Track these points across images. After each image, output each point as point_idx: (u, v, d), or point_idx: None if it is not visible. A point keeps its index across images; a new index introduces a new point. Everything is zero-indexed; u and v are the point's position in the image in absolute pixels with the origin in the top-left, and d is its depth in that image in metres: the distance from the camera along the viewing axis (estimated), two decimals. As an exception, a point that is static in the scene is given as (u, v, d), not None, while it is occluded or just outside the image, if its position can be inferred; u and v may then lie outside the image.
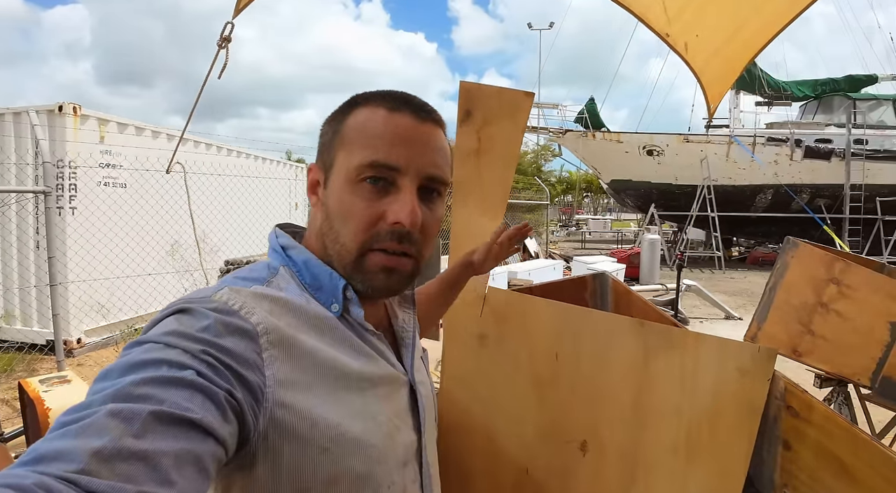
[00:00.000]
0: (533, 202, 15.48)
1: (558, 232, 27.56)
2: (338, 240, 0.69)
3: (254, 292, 0.64)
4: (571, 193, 40.13)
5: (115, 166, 5.74)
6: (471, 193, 1.44)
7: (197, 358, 0.53)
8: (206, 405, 0.50)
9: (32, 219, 5.50)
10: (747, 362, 1.27)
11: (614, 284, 2.02)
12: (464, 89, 1.43)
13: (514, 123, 1.43)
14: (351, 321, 0.70)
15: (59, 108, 5.26)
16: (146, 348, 0.53)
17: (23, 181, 5.46)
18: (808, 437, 1.27)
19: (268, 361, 0.59)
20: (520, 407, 1.36)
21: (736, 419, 1.27)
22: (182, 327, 0.55)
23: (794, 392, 1.28)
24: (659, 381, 1.30)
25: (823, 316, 2.24)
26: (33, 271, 5.56)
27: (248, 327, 0.59)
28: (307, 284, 0.70)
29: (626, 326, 1.32)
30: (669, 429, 1.29)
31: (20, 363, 5.32)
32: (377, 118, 0.68)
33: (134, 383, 0.48)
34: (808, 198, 14.77)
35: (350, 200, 0.67)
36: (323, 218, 0.71)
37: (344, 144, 0.69)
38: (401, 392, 0.74)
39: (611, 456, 1.30)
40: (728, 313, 7.97)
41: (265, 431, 0.57)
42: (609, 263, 9.82)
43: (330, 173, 0.70)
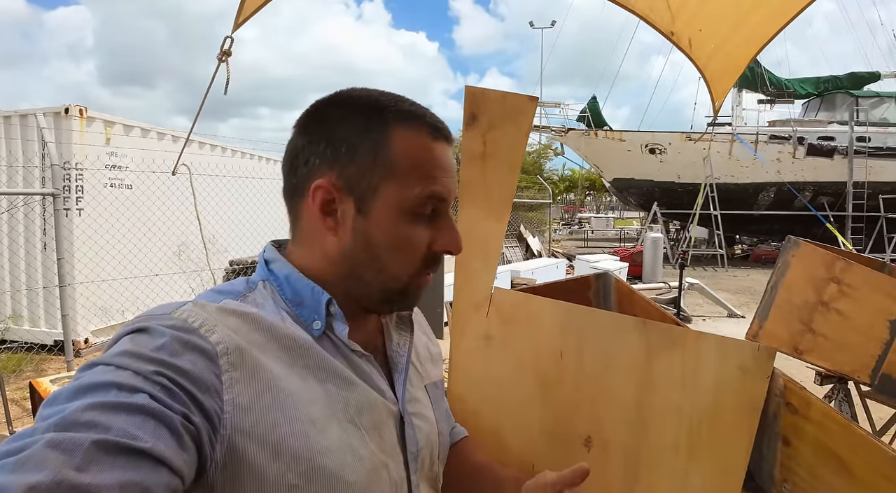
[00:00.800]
0: (536, 201, 15.50)
1: (561, 230, 27.57)
2: (385, 270, 0.66)
3: (221, 308, 0.59)
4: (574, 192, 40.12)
5: (121, 168, 5.79)
6: (476, 196, 1.47)
7: (150, 380, 0.49)
8: (159, 432, 0.46)
9: (39, 221, 5.56)
10: (748, 360, 1.30)
11: (617, 283, 2.05)
12: (469, 94, 1.46)
13: (518, 127, 1.46)
14: (334, 340, 0.66)
15: (65, 110, 5.32)
16: (97, 370, 0.49)
17: (30, 183, 5.52)
18: (806, 433, 1.29)
19: (227, 383, 0.54)
20: (525, 405, 1.39)
21: (736, 416, 1.30)
22: (136, 346, 0.51)
23: (793, 389, 1.31)
24: (661, 379, 1.33)
25: (824, 315, 2.27)
26: (41, 272, 5.62)
27: (207, 347, 0.54)
28: (288, 299, 0.66)
29: (629, 325, 1.35)
30: (671, 427, 1.32)
31: (29, 363, 5.38)
32: (424, 146, 0.66)
33: (80, 408, 0.44)
34: (810, 196, 14.77)
35: (407, 231, 0.65)
36: (360, 247, 0.65)
37: (394, 172, 0.64)
38: (388, 423, 0.68)
39: (614, 453, 1.34)
40: (731, 311, 8.00)
41: (223, 461, 0.52)
42: (612, 261, 9.85)
43: (371, 201, 0.64)
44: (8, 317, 5.75)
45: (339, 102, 0.68)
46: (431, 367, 0.86)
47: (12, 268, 5.71)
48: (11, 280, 5.71)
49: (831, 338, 2.24)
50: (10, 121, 5.61)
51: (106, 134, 5.67)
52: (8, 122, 5.62)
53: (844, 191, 14.33)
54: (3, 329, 5.72)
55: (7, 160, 5.57)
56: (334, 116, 0.66)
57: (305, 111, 0.69)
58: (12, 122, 5.60)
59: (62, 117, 5.32)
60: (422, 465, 0.72)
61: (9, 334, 5.71)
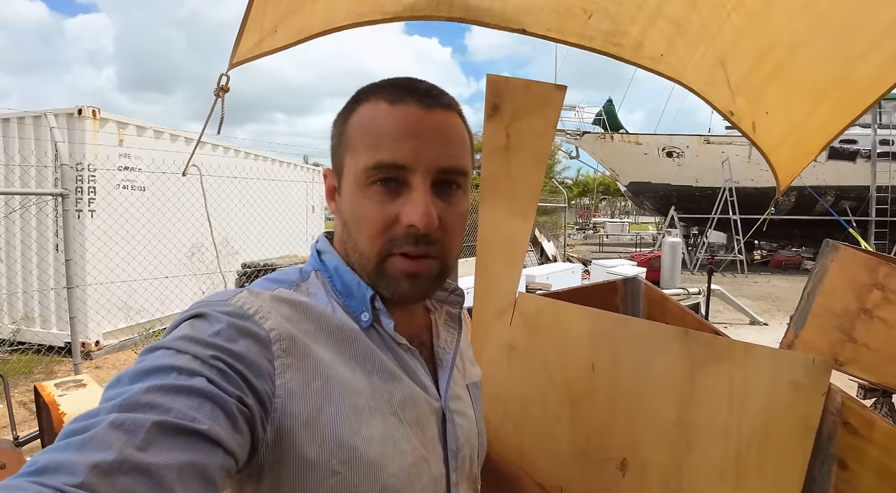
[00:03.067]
0: (550, 205, 15.36)
1: (575, 235, 27.36)
2: (356, 248, 0.66)
3: (275, 296, 0.61)
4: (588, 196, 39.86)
5: (133, 169, 5.77)
6: (500, 192, 1.36)
7: (207, 364, 0.50)
8: (216, 414, 0.48)
9: (52, 221, 5.54)
10: (801, 374, 1.17)
11: (647, 289, 1.92)
12: (491, 82, 1.36)
13: (544, 118, 1.35)
14: (381, 333, 0.67)
15: (78, 111, 5.30)
16: (158, 354, 0.51)
17: (42, 184, 5.51)
18: (868, 457, 1.17)
19: (279, 369, 0.55)
20: (554, 423, 1.27)
21: (789, 436, 1.18)
22: (194, 331, 0.53)
23: (853, 408, 1.18)
24: (705, 396, 1.20)
25: (867, 323, 2.13)
26: (52, 273, 5.61)
27: (261, 333, 0.56)
28: (338, 290, 0.67)
29: (668, 335, 1.23)
30: (717, 449, 1.19)
31: (39, 365, 5.36)
32: (379, 114, 0.63)
33: (142, 390, 0.46)
34: (832, 200, 14.48)
35: (362, 205, 0.64)
36: (342, 226, 0.68)
37: (349, 146, 0.65)
38: (431, 419, 0.68)
39: (652, 477, 1.21)
40: (753, 318, 7.80)
41: (273, 443, 0.54)
42: (628, 266, 9.68)
43: (342, 179, 0.67)
44: (20, 318, 5.73)
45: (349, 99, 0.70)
46: (472, 367, 0.86)
47: (24, 269, 5.70)
48: (23, 281, 5.69)
49: (875, 348, 2.10)
50: (24, 122, 5.62)
51: (119, 135, 5.64)
52: (21, 122, 5.62)
53: (867, 195, 14.01)
54: (15, 331, 5.70)
55: (21, 161, 5.56)
56: (338, 113, 0.70)
57: None
58: (26, 122, 5.60)
59: (75, 118, 5.31)
60: (462, 463, 0.72)
61: (20, 336, 5.70)
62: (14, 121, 5.66)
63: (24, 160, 5.52)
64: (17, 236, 5.71)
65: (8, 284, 5.76)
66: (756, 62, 1.43)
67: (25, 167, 5.54)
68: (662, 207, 16.41)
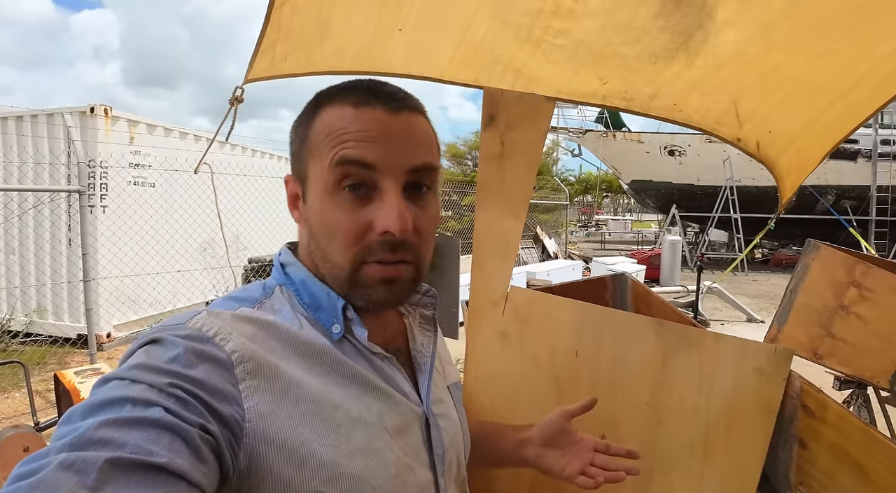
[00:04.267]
0: (552, 202, 15.46)
1: (577, 232, 27.42)
2: (327, 258, 0.63)
3: (236, 315, 0.58)
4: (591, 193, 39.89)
5: (144, 166, 5.91)
6: (494, 195, 1.48)
7: (164, 393, 0.47)
8: (175, 446, 0.45)
9: (65, 217, 5.69)
10: (764, 362, 1.30)
11: (634, 284, 2.05)
12: (488, 95, 1.48)
13: (535, 128, 1.47)
14: (355, 344, 0.64)
15: (90, 109, 5.44)
16: (111, 386, 0.48)
17: (56, 181, 5.66)
18: (823, 436, 1.29)
19: (245, 392, 0.53)
20: (540, 402, 1.41)
21: (752, 417, 1.30)
22: (149, 359, 0.50)
23: (810, 392, 1.31)
24: (677, 379, 1.33)
25: (844, 319, 2.25)
26: (65, 267, 5.75)
27: (222, 356, 0.53)
28: (306, 303, 0.64)
29: (645, 325, 1.36)
30: (686, 426, 1.32)
31: (52, 356, 5.51)
32: (343, 117, 0.61)
33: (93, 426, 0.43)
34: (833, 199, 14.53)
35: (332, 213, 0.61)
36: (308, 235, 0.65)
37: (313, 151, 0.62)
38: (414, 425, 0.66)
39: (629, 452, 1.35)
40: (750, 315, 7.91)
41: (246, 469, 0.51)
42: (629, 263, 9.80)
43: (307, 186, 0.64)
44: (33, 311, 5.89)
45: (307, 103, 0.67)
46: (450, 368, 0.84)
47: (38, 263, 5.86)
48: (37, 275, 5.85)
49: (851, 342, 2.22)
50: (38, 119, 5.75)
51: (130, 133, 5.78)
52: (35, 120, 5.76)
53: (868, 195, 14.06)
54: (28, 323, 5.86)
55: (34, 158, 5.71)
56: (297, 118, 0.67)
57: None
58: (39, 120, 5.74)
59: (87, 116, 5.45)
60: (449, 467, 0.70)
61: (33, 328, 5.86)
62: (27, 119, 5.80)
63: (38, 158, 5.67)
64: (31, 231, 5.86)
65: (22, 277, 5.91)
66: (766, 96, 1.53)
67: (39, 165, 5.69)
68: (664, 205, 16.49)
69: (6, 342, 5.76)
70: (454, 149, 20.12)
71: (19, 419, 4.05)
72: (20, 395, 4.60)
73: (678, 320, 1.65)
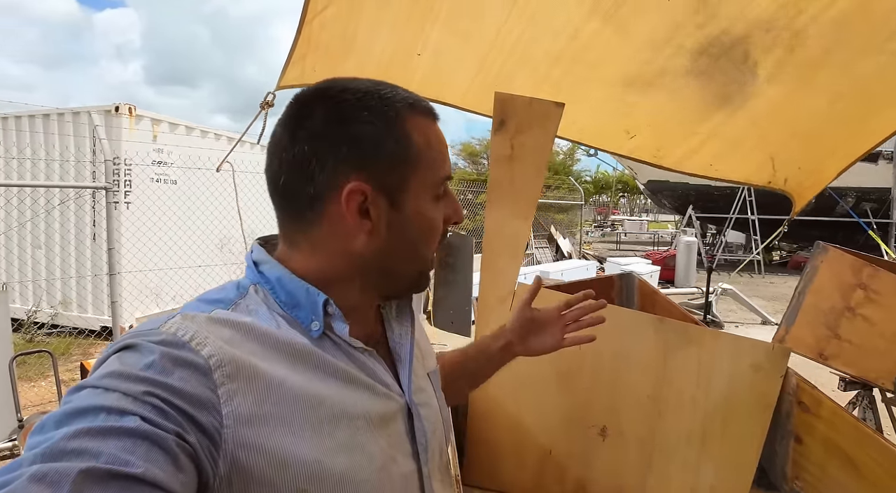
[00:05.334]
0: (567, 202, 15.44)
1: (593, 232, 27.28)
2: (416, 258, 0.68)
3: (211, 318, 0.57)
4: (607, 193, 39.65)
5: (166, 164, 6.05)
6: (504, 197, 1.55)
7: (139, 401, 0.46)
8: (152, 455, 0.44)
9: (90, 213, 5.85)
10: (761, 359, 1.36)
11: (640, 284, 2.10)
12: (498, 100, 1.54)
13: (544, 132, 1.53)
14: (335, 339, 0.64)
15: (115, 108, 5.59)
16: (84, 394, 0.47)
17: (81, 178, 5.83)
18: (817, 431, 1.34)
19: (224, 397, 0.51)
20: (545, 394, 1.47)
21: (749, 412, 1.36)
22: (123, 366, 0.49)
23: (805, 388, 1.36)
24: (676, 374, 1.39)
25: (850, 321, 2.27)
26: (89, 261, 5.92)
27: (199, 361, 0.52)
28: (282, 302, 0.63)
29: (647, 322, 1.42)
30: (685, 419, 1.38)
31: (76, 347, 5.68)
32: (434, 131, 0.67)
33: (67, 436, 0.42)
34: (853, 202, 14.30)
35: (434, 215, 0.67)
36: (393, 241, 0.65)
37: (419, 161, 0.64)
38: (397, 417, 0.67)
39: (629, 442, 1.40)
40: (765, 317, 7.85)
41: (227, 476, 0.50)
42: (643, 264, 9.78)
43: (403, 193, 0.64)
44: (58, 303, 6.07)
45: (337, 98, 0.63)
46: (429, 357, 0.84)
47: (63, 257, 6.04)
48: (62, 268, 6.03)
49: (857, 344, 2.24)
50: (64, 118, 5.93)
51: (153, 131, 5.93)
52: (62, 119, 5.94)
53: (889, 197, 13.83)
54: (54, 314, 6.04)
55: (61, 156, 5.88)
56: (343, 115, 0.62)
57: (294, 113, 0.64)
58: (66, 119, 5.91)
59: (112, 115, 5.60)
60: (432, 455, 0.71)
61: (58, 319, 6.03)
62: (54, 117, 5.98)
63: (65, 155, 5.84)
64: (57, 227, 6.04)
65: (48, 270, 6.10)
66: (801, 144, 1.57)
67: (66, 162, 5.87)
68: (681, 206, 16.35)
69: (32, 333, 5.95)
70: (469, 148, 20.16)
71: (45, 407, 4.20)
72: (46, 384, 4.76)
73: (682, 319, 1.71)
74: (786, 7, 1.28)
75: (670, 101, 1.49)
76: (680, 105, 1.52)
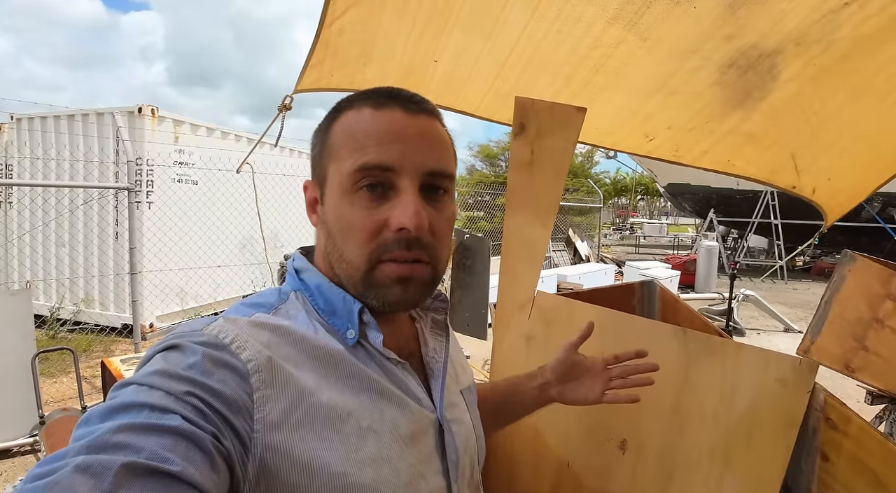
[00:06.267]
0: (585, 205, 15.32)
1: (611, 235, 27.04)
2: (343, 258, 0.63)
3: (252, 322, 0.58)
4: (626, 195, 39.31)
5: (187, 164, 6.13)
6: (523, 202, 1.52)
7: (181, 401, 0.48)
8: (191, 454, 0.45)
9: (112, 212, 5.95)
10: (787, 373, 1.32)
11: (662, 291, 2.06)
12: (519, 104, 1.52)
13: (564, 137, 1.51)
14: (369, 349, 0.64)
15: (138, 109, 5.67)
16: (130, 390, 0.49)
17: (104, 178, 5.93)
18: (844, 449, 1.30)
19: (259, 402, 0.53)
20: (563, 407, 1.45)
21: (774, 428, 1.32)
22: (168, 365, 0.51)
23: (834, 405, 1.32)
24: (699, 387, 1.35)
25: (878, 332, 2.20)
26: (111, 259, 6.02)
27: (238, 364, 0.53)
28: (321, 309, 0.64)
29: (668, 333, 1.39)
30: (707, 434, 1.34)
31: (98, 344, 5.77)
32: (363, 118, 0.62)
33: (112, 430, 0.44)
34: (879, 207, 13.98)
35: (349, 212, 0.61)
36: (326, 237, 0.65)
37: (332, 153, 0.63)
38: (428, 432, 0.66)
39: (649, 456, 1.37)
40: (787, 325, 7.71)
41: (255, 480, 0.52)
42: (663, 269, 9.65)
43: (325, 188, 0.65)
44: (81, 300, 6.18)
45: (335, 105, 0.68)
46: (462, 372, 0.83)
47: (86, 255, 6.15)
48: (85, 267, 6.14)
49: (885, 357, 2.17)
50: (88, 119, 6.03)
51: (175, 132, 6.01)
52: (86, 120, 6.04)
53: (918, 203, 13.50)
54: (76, 312, 6.15)
55: (85, 156, 5.98)
56: (319, 125, 0.68)
57: None
58: (90, 120, 6.02)
59: (135, 116, 5.69)
60: (462, 473, 0.69)
61: (81, 317, 6.14)
62: (79, 118, 6.09)
63: (89, 156, 5.95)
64: (81, 226, 6.15)
65: (71, 269, 6.21)
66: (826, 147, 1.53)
67: (89, 163, 5.97)
68: (702, 209, 16.13)
69: (55, 330, 6.06)
70: (487, 150, 20.12)
71: (67, 403, 4.27)
72: (67, 380, 4.84)
73: (705, 329, 1.67)
74: (821, 22, 1.24)
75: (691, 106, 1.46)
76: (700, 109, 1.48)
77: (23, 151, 6.35)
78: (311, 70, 1.33)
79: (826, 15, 1.23)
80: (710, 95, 1.45)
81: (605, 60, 1.41)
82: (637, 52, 1.38)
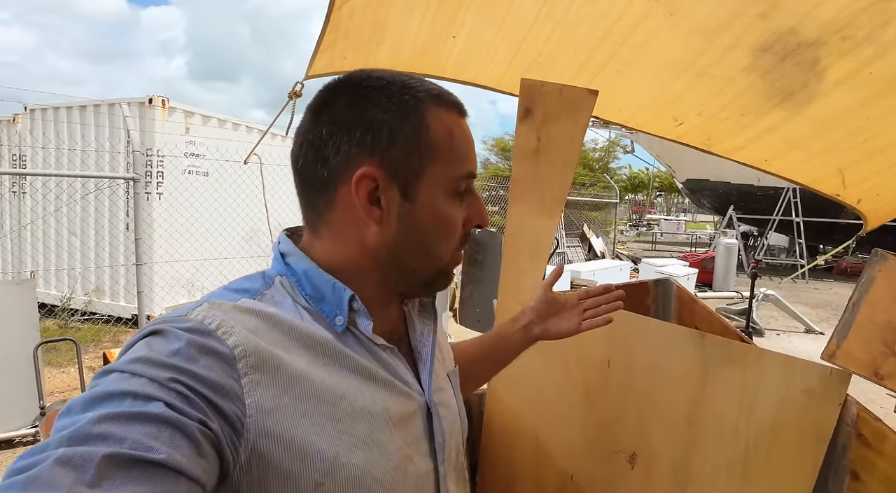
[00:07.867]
0: (601, 200, 15.12)
1: (627, 232, 26.75)
2: (429, 253, 0.65)
3: (238, 307, 0.58)
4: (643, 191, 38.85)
5: (198, 156, 6.10)
6: (528, 192, 1.42)
7: (165, 387, 0.47)
8: (176, 441, 0.44)
9: (123, 203, 5.95)
10: (815, 384, 1.20)
11: (678, 291, 1.94)
12: (525, 87, 1.41)
13: (574, 122, 1.40)
14: (358, 335, 0.64)
15: (149, 100, 5.64)
16: (111, 378, 0.48)
17: (115, 169, 5.92)
18: (877, 468, 1.18)
19: (248, 387, 0.52)
20: (568, 412, 1.34)
21: (800, 443, 1.20)
22: (151, 352, 0.50)
23: (868, 420, 1.20)
24: (717, 396, 1.24)
25: (911, 337, 2.08)
26: (122, 250, 6.02)
27: (224, 350, 0.52)
28: (308, 295, 0.64)
29: (683, 336, 1.28)
30: (726, 447, 1.23)
31: (107, 334, 5.78)
32: (458, 126, 0.66)
33: (93, 420, 0.43)
34: (907, 205, 13.60)
35: (451, 211, 0.65)
36: (403, 233, 0.64)
37: (437, 152, 0.63)
38: (416, 415, 0.67)
39: (661, 470, 1.26)
40: (808, 326, 7.49)
41: (247, 464, 0.51)
42: (680, 266, 9.46)
43: (415, 185, 0.63)
44: (92, 291, 6.19)
45: (360, 85, 0.63)
46: (448, 356, 0.85)
47: (97, 246, 6.15)
48: (96, 257, 6.14)
49: (919, 363, 2.05)
50: (100, 109, 6.03)
51: (185, 124, 5.97)
52: (97, 110, 6.03)
53: (947, 201, 13.10)
54: (87, 302, 6.16)
55: (96, 146, 5.98)
56: (363, 101, 0.62)
57: (320, 98, 0.65)
58: (101, 110, 6.01)
59: (146, 107, 5.66)
60: (448, 455, 0.71)
61: (92, 307, 6.16)
62: (91, 108, 6.09)
63: (102, 146, 5.94)
64: (92, 216, 6.16)
65: (82, 259, 6.22)
66: (878, 169, 1.44)
67: (102, 153, 5.97)
68: (721, 206, 15.84)
69: (66, 319, 6.08)
70: (502, 143, 19.98)
71: (70, 393, 4.26)
72: (75, 370, 4.83)
73: (724, 332, 1.55)
74: (868, 11, 1.11)
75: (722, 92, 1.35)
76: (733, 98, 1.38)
77: (36, 141, 6.36)
78: (322, 54, 1.26)
79: (875, 3, 1.10)
80: (744, 83, 1.34)
81: (630, 33, 1.32)
82: (664, 25, 1.28)
